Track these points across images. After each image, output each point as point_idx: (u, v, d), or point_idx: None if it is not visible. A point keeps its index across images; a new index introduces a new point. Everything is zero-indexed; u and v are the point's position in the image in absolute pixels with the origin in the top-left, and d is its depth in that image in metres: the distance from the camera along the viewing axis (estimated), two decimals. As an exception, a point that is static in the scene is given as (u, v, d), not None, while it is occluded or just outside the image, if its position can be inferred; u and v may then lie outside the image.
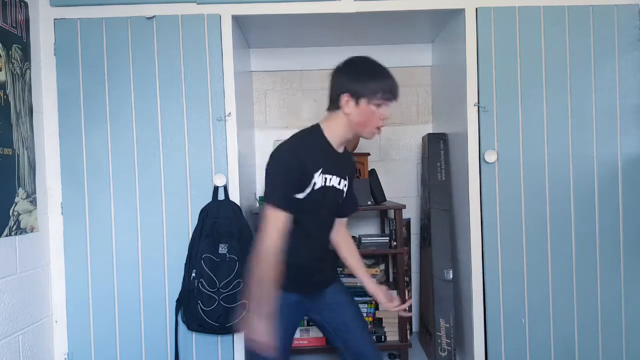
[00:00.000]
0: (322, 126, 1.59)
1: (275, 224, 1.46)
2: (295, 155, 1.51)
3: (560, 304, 2.17)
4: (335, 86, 1.56)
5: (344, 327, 1.68)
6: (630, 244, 2.17)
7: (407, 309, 1.76)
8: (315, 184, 1.54)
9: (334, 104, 1.57)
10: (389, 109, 1.57)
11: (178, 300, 2.07)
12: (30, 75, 2.00)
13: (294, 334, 1.69)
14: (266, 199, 1.49)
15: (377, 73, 1.55)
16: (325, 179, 1.57)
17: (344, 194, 1.70)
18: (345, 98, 1.52)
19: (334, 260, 1.79)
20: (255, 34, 2.53)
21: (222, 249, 2.01)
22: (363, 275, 1.79)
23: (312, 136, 1.58)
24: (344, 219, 1.82)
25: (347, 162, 1.72)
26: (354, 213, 1.85)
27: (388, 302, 1.73)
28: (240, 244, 2.04)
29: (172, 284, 2.10)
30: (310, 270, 1.64)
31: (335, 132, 1.58)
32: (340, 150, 1.63)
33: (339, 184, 1.64)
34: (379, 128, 1.57)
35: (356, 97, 1.52)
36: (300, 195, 1.52)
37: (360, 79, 1.53)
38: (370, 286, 1.76)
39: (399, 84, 1.56)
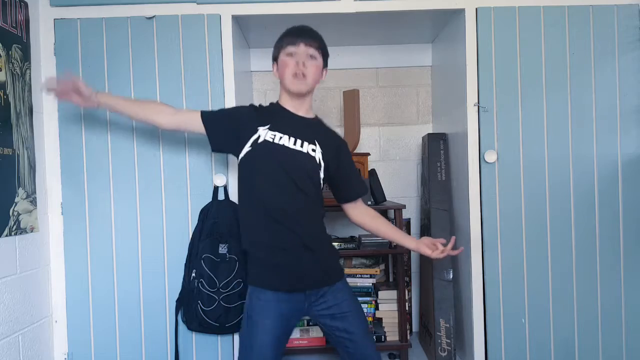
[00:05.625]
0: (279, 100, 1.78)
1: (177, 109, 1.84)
2: (248, 106, 1.79)
3: (560, 304, 2.17)
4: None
5: (347, 335, 1.65)
6: (630, 244, 2.17)
7: (453, 247, 1.73)
8: (259, 137, 1.64)
9: None
10: (301, 53, 1.67)
11: (178, 300, 2.06)
12: (30, 75, 2.00)
13: (280, 335, 1.60)
14: None
15: (285, 31, 1.74)
16: (274, 136, 1.64)
17: (317, 160, 1.66)
18: (274, 68, 1.76)
19: (327, 258, 1.70)
20: (255, 34, 2.53)
21: (222, 249, 2.01)
22: (402, 239, 1.81)
23: (269, 105, 1.79)
24: (358, 203, 1.82)
25: (318, 129, 1.75)
26: (364, 195, 1.84)
27: (433, 252, 1.72)
28: (241, 244, 2.03)
29: (172, 284, 2.10)
30: (277, 262, 1.59)
31: (282, 98, 1.75)
32: (308, 115, 1.75)
33: (294, 144, 1.64)
34: (295, 74, 1.66)
35: (275, 60, 1.75)
36: (246, 148, 1.65)
37: (275, 44, 1.75)
38: (413, 246, 1.78)
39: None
